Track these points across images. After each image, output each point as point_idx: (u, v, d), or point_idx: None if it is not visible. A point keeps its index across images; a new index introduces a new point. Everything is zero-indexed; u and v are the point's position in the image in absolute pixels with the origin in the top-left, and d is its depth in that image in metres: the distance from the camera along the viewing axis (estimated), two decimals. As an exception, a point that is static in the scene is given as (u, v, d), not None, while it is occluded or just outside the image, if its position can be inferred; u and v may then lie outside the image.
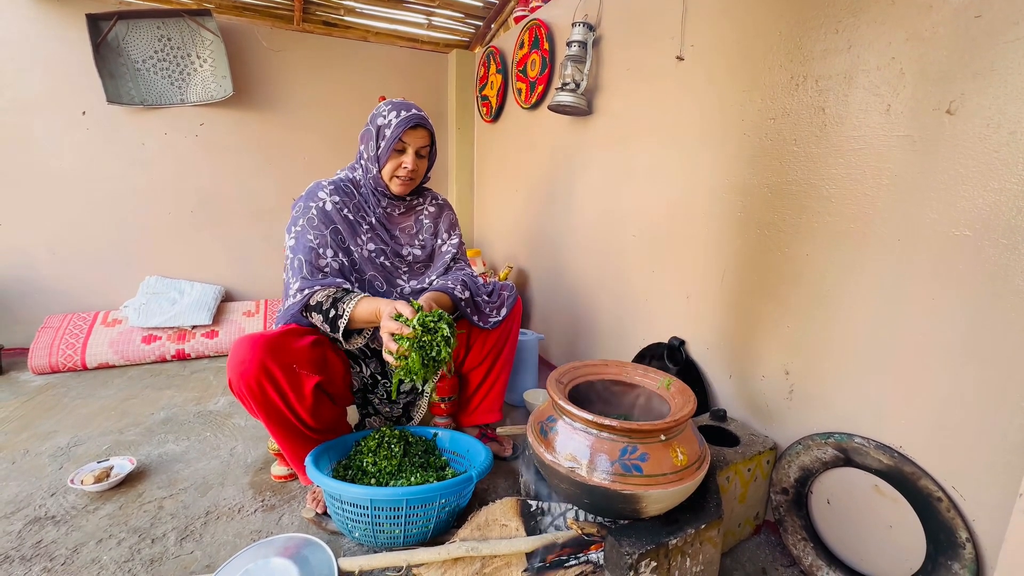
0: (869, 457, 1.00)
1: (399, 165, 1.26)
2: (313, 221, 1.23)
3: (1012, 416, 0.81)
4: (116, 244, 2.44)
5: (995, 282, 0.83)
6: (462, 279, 1.34)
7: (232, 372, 1.07)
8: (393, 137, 1.21)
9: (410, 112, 1.23)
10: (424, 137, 1.27)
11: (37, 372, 2.08)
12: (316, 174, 2.78)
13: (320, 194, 1.26)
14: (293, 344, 1.14)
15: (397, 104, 1.25)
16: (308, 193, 1.28)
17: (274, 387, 1.08)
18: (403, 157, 1.25)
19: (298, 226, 1.23)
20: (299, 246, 1.22)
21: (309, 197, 1.26)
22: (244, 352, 1.06)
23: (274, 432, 1.15)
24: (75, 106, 2.27)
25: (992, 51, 0.82)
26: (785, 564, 1.13)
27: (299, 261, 1.20)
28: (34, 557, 1.07)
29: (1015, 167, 0.79)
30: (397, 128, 1.21)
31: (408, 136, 1.23)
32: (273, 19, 2.57)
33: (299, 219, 1.24)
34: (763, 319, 1.25)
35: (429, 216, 1.43)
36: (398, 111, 1.23)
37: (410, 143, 1.25)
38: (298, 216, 1.25)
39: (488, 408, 1.49)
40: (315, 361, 1.17)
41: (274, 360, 1.07)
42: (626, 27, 1.67)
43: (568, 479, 0.87)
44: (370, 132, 1.26)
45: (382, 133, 1.23)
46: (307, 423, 1.16)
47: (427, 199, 1.44)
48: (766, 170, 1.21)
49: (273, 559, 1.02)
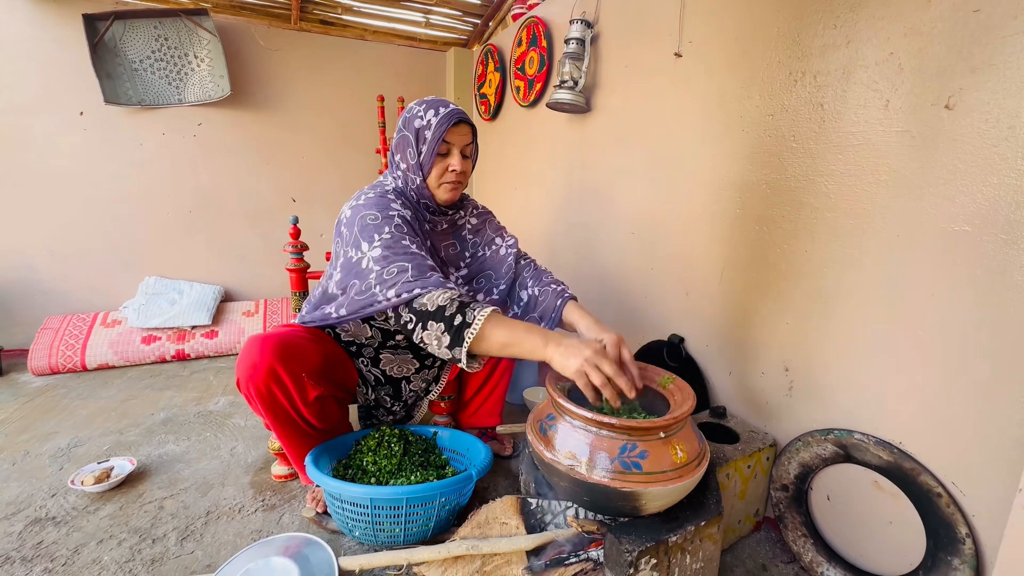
0: (869, 453, 1.00)
1: (446, 169, 1.11)
2: (403, 228, 1.05)
3: (1012, 411, 0.81)
4: (115, 245, 2.44)
5: (994, 277, 0.82)
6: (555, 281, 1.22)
7: (241, 373, 1.06)
8: (436, 138, 1.07)
9: (449, 108, 1.09)
10: (468, 134, 1.13)
11: (37, 373, 2.08)
12: (315, 173, 2.79)
13: (394, 205, 1.08)
14: (305, 352, 1.11)
15: (431, 102, 1.10)
16: (378, 203, 1.07)
17: (282, 391, 1.08)
18: (449, 159, 1.11)
19: (385, 233, 1.02)
20: (393, 253, 0.99)
21: (381, 206, 1.06)
22: (255, 355, 1.04)
23: (278, 431, 1.15)
24: (72, 107, 2.26)
25: (990, 46, 0.81)
26: (785, 560, 1.13)
27: (398, 267, 0.97)
28: (35, 558, 1.07)
29: (1014, 162, 0.79)
30: (440, 127, 1.07)
31: (451, 135, 1.09)
32: (270, 18, 2.57)
33: (383, 226, 1.03)
34: (762, 315, 1.25)
35: (471, 230, 1.29)
36: (435, 109, 1.08)
37: (454, 143, 1.10)
38: (379, 224, 1.03)
39: (488, 412, 1.49)
40: (324, 373, 1.14)
41: (284, 366, 1.05)
42: (624, 24, 1.67)
43: (568, 477, 0.87)
44: (406, 138, 1.11)
45: (422, 136, 1.09)
46: (312, 423, 1.16)
47: (468, 210, 1.30)
48: (765, 166, 1.21)
49: (273, 558, 1.02)
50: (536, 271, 1.28)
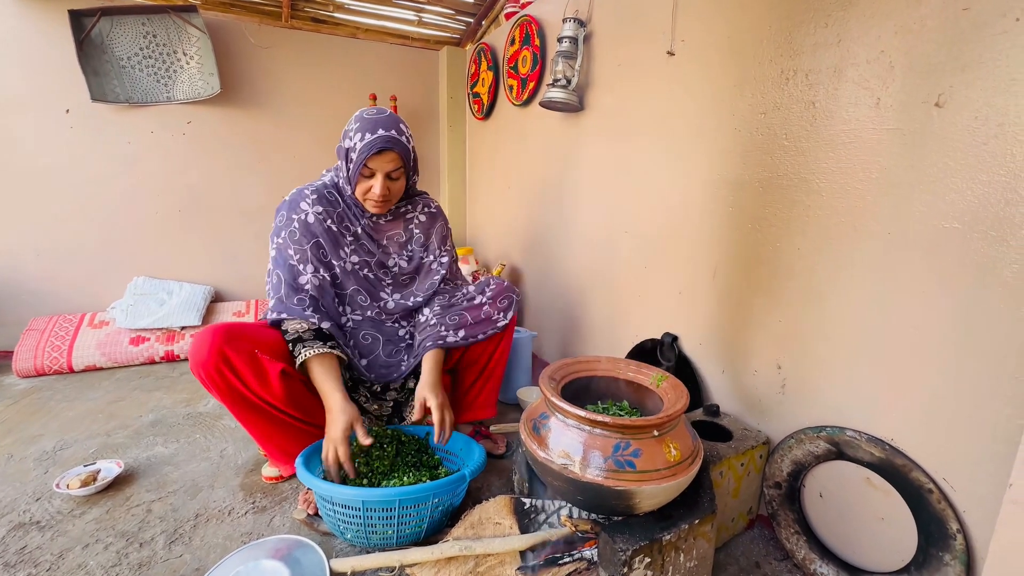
0: (861, 450, 1.00)
1: (368, 189, 1.20)
2: (295, 235, 1.20)
3: (1002, 407, 0.81)
4: (102, 244, 2.40)
5: (984, 274, 0.83)
6: (451, 317, 1.32)
7: (191, 359, 1.09)
8: (359, 163, 1.15)
9: (376, 135, 1.14)
10: (394, 160, 1.18)
11: (22, 375, 2.04)
12: (306, 172, 2.76)
13: (302, 204, 1.22)
14: (258, 332, 1.15)
15: (366, 123, 1.15)
16: (291, 202, 1.23)
17: (233, 373, 1.09)
18: (371, 182, 1.19)
19: (280, 238, 1.20)
20: (279, 260, 1.20)
21: (292, 207, 1.22)
22: (202, 339, 1.08)
23: (239, 417, 1.15)
24: (59, 104, 2.22)
25: (980, 43, 0.82)
26: (778, 558, 1.13)
27: (277, 277, 1.19)
28: (18, 564, 1.04)
29: (1003, 159, 0.80)
30: (362, 154, 1.14)
31: (374, 161, 1.16)
32: (260, 15, 2.54)
33: (281, 231, 1.21)
34: (755, 314, 1.25)
35: (420, 226, 1.37)
36: (363, 133, 1.14)
37: (377, 168, 1.17)
38: (280, 227, 1.21)
39: (483, 403, 1.48)
40: (285, 350, 1.17)
41: (232, 347, 1.08)
42: (617, 23, 1.67)
43: (561, 476, 0.87)
44: (341, 150, 1.20)
45: (349, 156, 1.17)
46: (281, 408, 1.16)
47: (418, 206, 1.38)
48: (757, 165, 1.21)
49: (264, 561, 1.01)
50: (447, 304, 1.36)
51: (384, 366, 1.34)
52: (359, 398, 1.34)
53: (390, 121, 1.17)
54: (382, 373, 1.33)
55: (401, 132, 1.19)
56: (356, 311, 1.32)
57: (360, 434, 1.08)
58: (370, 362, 1.32)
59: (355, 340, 1.31)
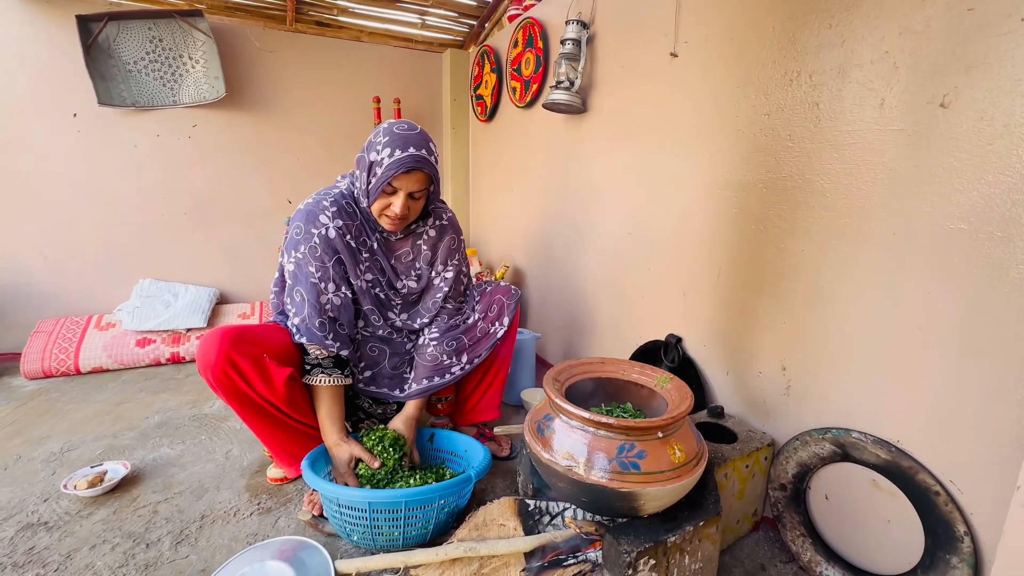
0: (867, 452, 1.00)
1: (387, 205, 1.15)
2: (315, 250, 1.15)
3: (1009, 409, 0.81)
4: (109, 247, 2.42)
5: (990, 275, 0.83)
6: (449, 343, 1.33)
7: (198, 362, 1.09)
8: (383, 179, 1.10)
9: (406, 152, 1.09)
10: (421, 181, 1.13)
11: (30, 377, 2.06)
12: (310, 175, 2.78)
13: (322, 218, 1.16)
14: (265, 335, 1.15)
15: (397, 138, 1.10)
16: (308, 214, 1.16)
17: (240, 376, 1.09)
18: (392, 199, 1.14)
19: (299, 252, 1.15)
20: (300, 277, 1.16)
21: (310, 220, 1.16)
22: (209, 342, 1.08)
23: (246, 420, 1.15)
24: (66, 108, 2.25)
25: (985, 44, 0.81)
26: (784, 560, 1.13)
27: (300, 294, 1.16)
28: (26, 564, 1.05)
29: (1009, 159, 0.79)
30: (388, 171, 1.09)
31: (400, 180, 1.11)
32: (265, 19, 2.56)
33: (300, 244, 1.15)
34: (759, 315, 1.24)
35: (428, 242, 1.31)
36: (392, 149, 1.09)
37: (402, 187, 1.12)
38: (298, 240, 1.16)
39: (487, 406, 1.48)
40: (292, 354, 1.18)
41: (239, 351, 1.08)
42: (620, 24, 1.67)
43: (566, 478, 0.87)
44: (363, 160, 1.14)
45: (373, 170, 1.12)
46: (287, 412, 1.17)
47: (429, 220, 1.31)
48: (761, 166, 1.21)
49: (269, 562, 1.01)
50: (445, 328, 1.35)
51: (388, 377, 1.34)
52: (362, 402, 1.35)
53: (421, 140, 1.12)
54: (385, 384, 1.34)
55: (431, 152, 1.14)
56: (368, 327, 1.32)
57: (367, 459, 1.15)
58: (375, 373, 1.33)
59: (362, 351, 1.32)
